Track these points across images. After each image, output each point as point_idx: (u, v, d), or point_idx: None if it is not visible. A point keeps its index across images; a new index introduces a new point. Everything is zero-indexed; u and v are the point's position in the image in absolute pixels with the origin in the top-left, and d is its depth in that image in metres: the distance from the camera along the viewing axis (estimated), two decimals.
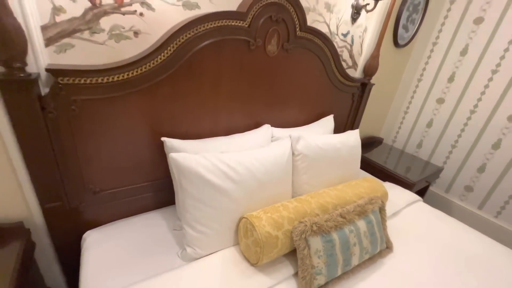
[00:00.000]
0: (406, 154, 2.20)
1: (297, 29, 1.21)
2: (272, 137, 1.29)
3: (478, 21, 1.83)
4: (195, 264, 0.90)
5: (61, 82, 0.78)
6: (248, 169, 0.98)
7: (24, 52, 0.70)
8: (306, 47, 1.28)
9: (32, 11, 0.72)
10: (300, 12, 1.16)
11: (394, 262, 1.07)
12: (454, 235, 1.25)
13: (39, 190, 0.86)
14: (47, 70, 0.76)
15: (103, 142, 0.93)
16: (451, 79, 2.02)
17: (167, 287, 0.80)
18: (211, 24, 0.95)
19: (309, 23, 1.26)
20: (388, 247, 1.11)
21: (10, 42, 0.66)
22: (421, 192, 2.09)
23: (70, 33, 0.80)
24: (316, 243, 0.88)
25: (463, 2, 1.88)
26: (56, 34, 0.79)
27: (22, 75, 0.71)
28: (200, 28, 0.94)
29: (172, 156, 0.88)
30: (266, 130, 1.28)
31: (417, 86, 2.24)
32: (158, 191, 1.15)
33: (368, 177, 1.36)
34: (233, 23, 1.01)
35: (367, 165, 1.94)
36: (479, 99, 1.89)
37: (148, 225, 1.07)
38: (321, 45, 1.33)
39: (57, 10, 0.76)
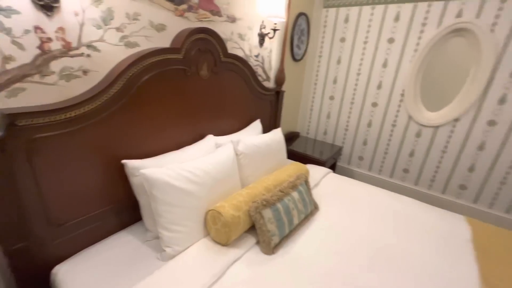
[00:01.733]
0: (318, 141, 2.83)
1: (221, 56, 1.51)
2: (216, 144, 1.54)
3: (343, 40, 2.59)
4: (177, 258, 1.06)
5: (19, 124, 0.83)
6: (205, 172, 1.21)
7: None
8: (230, 69, 1.61)
9: None
10: (221, 43, 1.47)
11: (321, 217, 1.49)
12: (355, 190, 1.80)
13: (2, 234, 0.86)
14: (5, 115, 0.80)
15: (65, 174, 0.99)
16: (335, 81, 2.75)
17: (164, 280, 0.95)
18: (153, 59, 1.15)
19: (229, 50, 1.59)
20: (315, 208, 1.54)
21: None
22: (333, 167, 2.74)
23: (20, 78, 0.86)
24: (268, 213, 1.19)
25: (331, 27, 2.62)
26: (7, 81, 0.84)
27: None
28: (144, 63, 1.12)
29: (143, 172, 1.03)
30: (210, 139, 1.52)
31: (315, 89, 2.92)
32: (121, 212, 1.23)
33: (294, 162, 1.79)
34: (170, 56, 1.22)
35: (292, 155, 2.42)
36: (354, 94, 2.66)
37: (120, 244, 1.15)
38: (240, 66, 1.68)
39: (6, 59, 0.82)
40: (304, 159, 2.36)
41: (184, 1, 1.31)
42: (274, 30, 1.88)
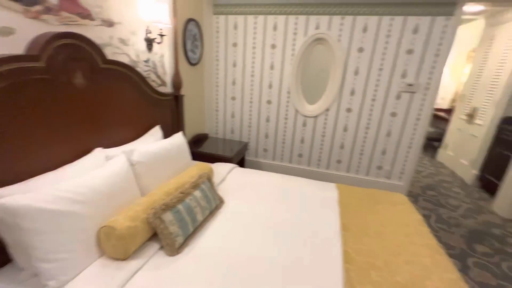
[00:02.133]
0: (226, 140, 2.99)
1: (99, 63, 1.41)
2: (106, 157, 1.44)
3: (235, 45, 2.82)
4: None
5: None
6: (91, 188, 1.12)
7: None
8: (113, 76, 1.52)
9: None
10: (96, 49, 1.38)
11: (227, 209, 1.62)
12: (257, 179, 2.03)
13: None
14: None
15: None
16: (233, 83, 2.97)
17: None
18: (1, 68, 0.97)
19: (109, 55, 1.50)
20: (221, 202, 1.66)
21: None
22: (242, 162, 2.96)
23: None
24: (168, 216, 1.22)
25: (223, 33, 2.80)
26: None
27: None
28: None
29: (0, 202, 0.87)
30: (98, 153, 1.41)
31: (217, 91, 3.06)
32: None
33: (198, 163, 1.86)
34: (27, 65, 1.07)
35: (200, 156, 2.48)
36: (251, 93, 2.95)
37: None
38: (125, 72, 1.61)
39: None
40: (213, 158, 2.46)
41: (37, 2, 1.16)
42: (161, 35, 1.88)
